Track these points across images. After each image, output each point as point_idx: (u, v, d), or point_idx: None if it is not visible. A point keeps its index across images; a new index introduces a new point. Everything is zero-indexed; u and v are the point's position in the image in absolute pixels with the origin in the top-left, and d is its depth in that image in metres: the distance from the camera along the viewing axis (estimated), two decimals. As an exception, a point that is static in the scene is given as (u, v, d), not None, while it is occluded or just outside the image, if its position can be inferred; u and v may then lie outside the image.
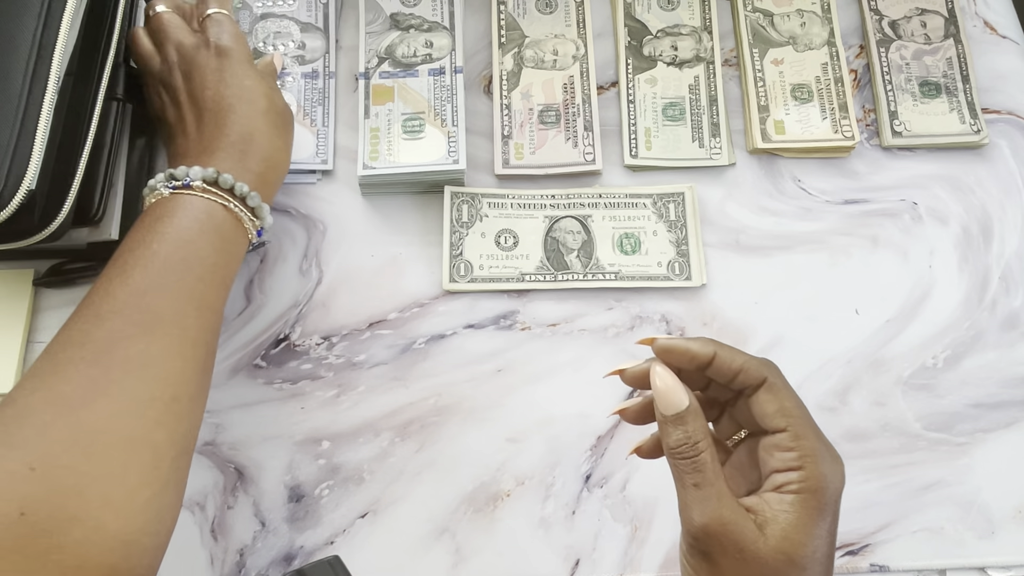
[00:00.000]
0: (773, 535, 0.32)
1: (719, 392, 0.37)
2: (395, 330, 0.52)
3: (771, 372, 0.34)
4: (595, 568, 0.48)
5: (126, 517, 0.34)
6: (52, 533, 0.32)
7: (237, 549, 0.47)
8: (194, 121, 0.47)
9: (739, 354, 0.34)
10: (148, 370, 0.38)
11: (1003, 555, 0.49)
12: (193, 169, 0.44)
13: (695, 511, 0.33)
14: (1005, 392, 0.52)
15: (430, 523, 0.48)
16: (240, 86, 0.48)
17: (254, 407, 0.50)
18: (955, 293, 0.55)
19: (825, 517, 0.32)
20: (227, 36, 0.49)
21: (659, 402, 0.34)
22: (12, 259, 0.52)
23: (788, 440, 0.33)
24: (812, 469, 0.32)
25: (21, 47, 0.44)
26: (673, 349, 0.35)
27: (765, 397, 0.34)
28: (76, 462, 0.34)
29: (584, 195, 0.55)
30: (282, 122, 0.50)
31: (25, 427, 0.34)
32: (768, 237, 0.56)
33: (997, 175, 0.58)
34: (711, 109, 0.58)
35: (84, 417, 0.35)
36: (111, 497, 0.34)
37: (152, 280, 0.40)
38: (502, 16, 0.60)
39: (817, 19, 0.61)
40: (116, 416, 0.36)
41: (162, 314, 0.39)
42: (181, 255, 0.41)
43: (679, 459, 0.33)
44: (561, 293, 0.54)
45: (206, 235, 0.43)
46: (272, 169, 0.48)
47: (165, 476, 0.37)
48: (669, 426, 0.34)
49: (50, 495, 0.33)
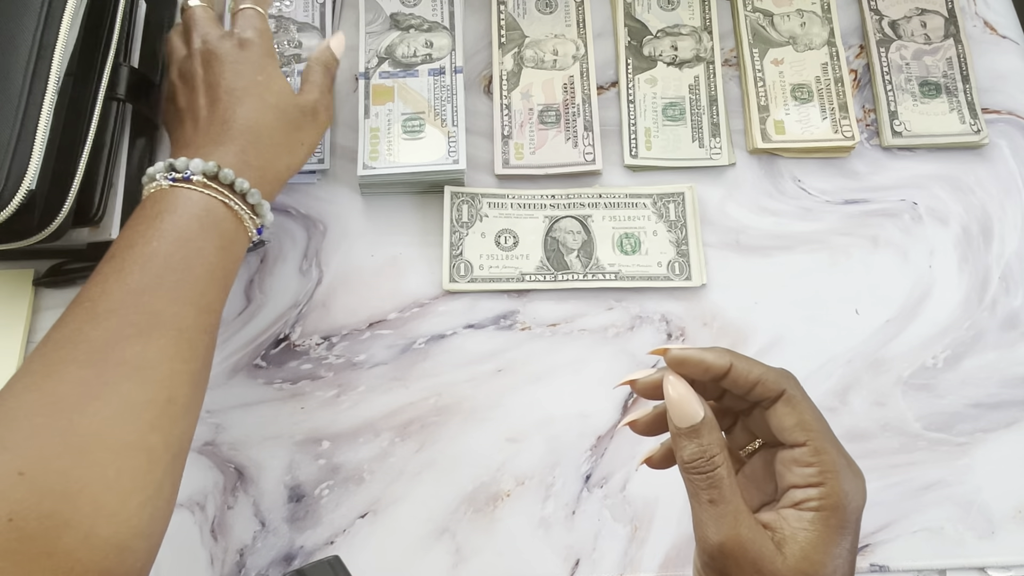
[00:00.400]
0: (792, 554, 0.31)
1: (734, 402, 0.35)
2: (395, 330, 0.52)
3: (789, 384, 0.33)
4: (595, 568, 0.48)
5: (118, 522, 0.34)
6: (42, 539, 0.32)
7: (237, 549, 0.47)
8: (206, 107, 0.46)
9: (756, 365, 0.33)
10: (144, 372, 0.37)
11: (1003, 555, 0.49)
12: (194, 162, 0.43)
13: (711, 528, 0.31)
14: (1005, 392, 0.52)
15: (430, 523, 0.48)
16: (253, 79, 0.47)
17: (254, 407, 0.50)
18: (955, 293, 0.55)
19: (846, 535, 0.31)
20: (252, 30, 0.49)
21: (673, 414, 0.32)
22: (12, 259, 0.52)
23: (808, 455, 0.32)
24: (833, 485, 0.31)
25: (21, 47, 0.44)
26: (687, 360, 0.33)
27: (784, 410, 0.32)
28: (68, 467, 0.33)
29: (584, 195, 0.55)
30: (298, 120, 0.49)
31: (15, 430, 0.33)
32: (768, 237, 0.56)
33: (997, 175, 0.58)
34: (711, 109, 0.58)
35: (77, 421, 0.34)
36: (103, 503, 0.33)
37: (150, 279, 0.39)
38: (502, 16, 0.60)
39: (817, 19, 0.61)
40: (110, 420, 0.35)
41: (160, 315, 0.38)
42: (181, 254, 0.40)
43: (694, 474, 0.32)
44: (561, 293, 0.54)
45: (206, 233, 0.42)
46: (276, 166, 0.47)
47: (159, 480, 0.36)
48: (683, 439, 0.32)
49: (40, 500, 0.32)
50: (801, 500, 0.32)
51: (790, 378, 0.33)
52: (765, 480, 0.34)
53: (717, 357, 0.33)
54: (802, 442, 0.32)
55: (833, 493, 0.31)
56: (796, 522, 0.31)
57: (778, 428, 0.33)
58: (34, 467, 0.33)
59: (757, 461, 0.35)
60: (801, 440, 0.32)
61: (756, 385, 0.33)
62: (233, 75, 0.47)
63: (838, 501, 0.31)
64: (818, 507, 0.31)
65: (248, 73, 0.47)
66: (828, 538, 0.31)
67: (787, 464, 0.33)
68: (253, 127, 0.46)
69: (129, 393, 0.36)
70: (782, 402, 0.33)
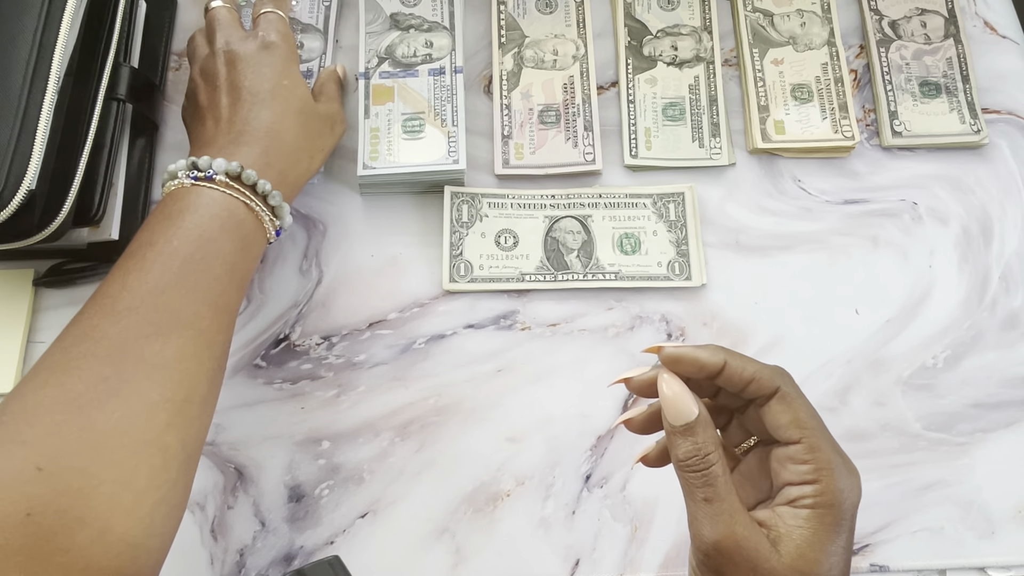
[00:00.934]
0: (788, 552, 0.31)
1: (728, 399, 0.35)
2: (395, 330, 0.52)
3: (784, 381, 0.33)
4: (595, 568, 0.48)
5: (133, 520, 0.34)
6: (58, 535, 0.32)
7: (237, 549, 0.47)
8: (229, 106, 0.47)
9: (750, 362, 0.33)
10: (162, 371, 0.37)
11: (1003, 555, 0.49)
12: (217, 161, 0.43)
13: (706, 527, 0.31)
14: (1005, 392, 0.52)
15: (430, 523, 0.48)
16: (278, 83, 0.48)
17: (254, 407, 0.50)
18: (955, 293, 0.55)
19: (841, 533, 0.31)
20: (276, 34, 0.50)
21: (667, 412, 0.32)
22: (12, 259, 0.52)
23: (802, 452, 0.32)
24: (828, 483, 0.31)
25: (21, 47, 0.44)
26: (681, 358, 0.33)
27: (778, 408, 0.32)
28: (85, 464, 0.34)
29: (584, 195, 0.55)
30: (319, 127, 0.50)
31: (35, 425, 0.34)
32: (768, 237, 0.56)
33: (997, 175, 0.58)
34: (711, 109, 0.58)
35: (95, 418, 0.35)
36: (119, 500, 0.34)
37: (171, 278, 0.39)
38: (502, 16, 0.60)
39: (817, 19, 0.61)
40: (128, 418, 0.35)
41: (180, 314, 0.39)
42: (201, 254, 0.40)
43: (688, 472, 0.32)
44: (561, 293, 0.54)
45: (227, 233, 0.42)
46: (296, 170, 0.48)
47: (174, 478, 0.36)
48: (678, 437, 0.32)
49: (57, 497, 0.32)
50: (796, 497, 0.32)
51: (784, 375, 0.33)
52: (760, 478, 0.34)
53: (711, 355, 0.33)
54: (796, 439, 0.32)
55: (828, 490, 0.31)
56: (791, 520, 0.31)
57: (773, 425, 0.33)
58: (52, 463, 0.33)
59: (752, 459, 0.35)
60: (796, 437, 0.32)
61: (750, 383, 0.33)
62: (257, 77, 0.48)
63: (833, 498, 0.31)
64: (813, 504, 0.31)
65: (272, 76, 0.48)
66: (824, 535, 0.31)
67: (782, 461, 0.33)
68: (277, 130, 0.46)
69: (147, 392, 0.36)
70: (776, 399, 0.33)
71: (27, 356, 0.51)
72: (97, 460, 0.34)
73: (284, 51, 0.50)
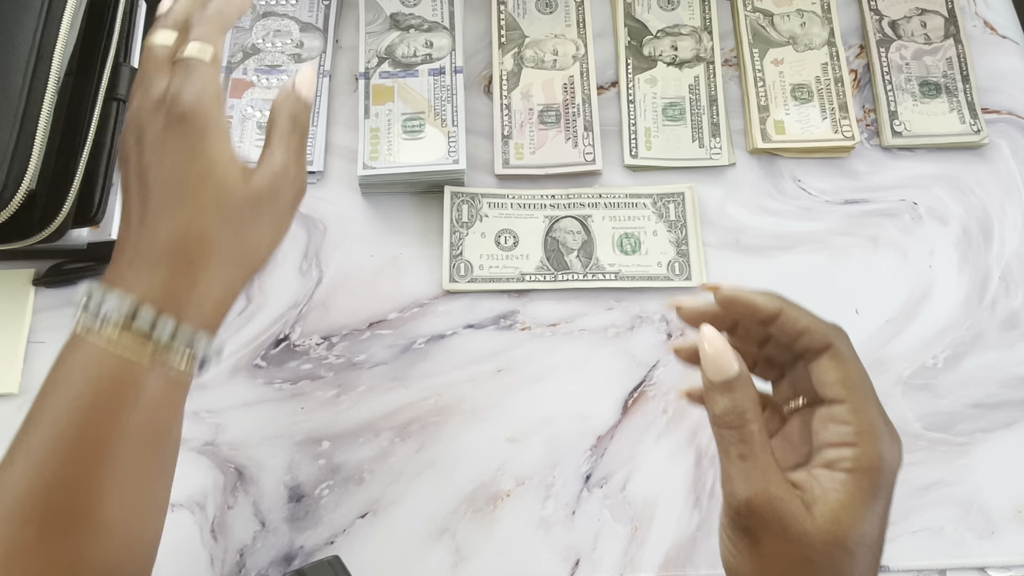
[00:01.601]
0: (821, 515, 0.30)
1: (777, 351, 0.34)
2: (395, 330, 0.52)
3: (839, 339, 0.32)
4: (595, 568, 0.48)
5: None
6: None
7: (237, 549, 0.47)
8: (138, 204, 0.36)
9: (806, 314, 0.32)
10: None
11: (1003, 555, 0.49)
12: (108, 300, 0.34)
13: (739, 484, 0.30)
14: (1005, 392, 0.52)
15: (430, 523, 0.48)
16: (187, 172, 0.35)
17: (254, 407, 0.50)
18: (955, 293, 0.55)
19: (879, 499, 0.30)
20: (189, 93, 0.35)
21: (706, 366, 0.32)
22: (12, 259, 0.52)
23: (846, 413, 0.31)
24: (868, 447, 0.30)
25: (21, 47, 0.44)
26: (737, 300, 0.33)
27: (828, 364, 0.32)
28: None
29: (584, 195, 0.55)
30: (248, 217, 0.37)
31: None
32: (768, 237, 0.56)
33: (997, 175, 0.58)
34: (711, 109, 0.58)
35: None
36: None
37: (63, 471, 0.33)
38: (502, 16, 0.60)
39: (817, 19, 0.61)
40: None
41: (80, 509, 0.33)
42: (94, 436, 0.33)
43: (724, 428, 0.31)
44: (561, 293, 0.54)
45: (124, 405, 0.34)
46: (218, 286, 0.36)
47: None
48: (716, 393, 0.31)
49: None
50: (835, 460, 0.31)
51: (840, 334, 0.33)
52: (801, 442, 0.33)
53: (768, 300, 0.32)
54: (842, 398, 0.31)
55: (868, 455, 0.30)
56: (828, 482, 0.30)
57: (819, 382, 0.32)
58: None
59: (796, 422, 0.34)
60: (841, 396, 0.31)
61: (803, 334, 0.32)
62: (162, 165, 0.35)
63: (872, 463, 0.30)
64: (851, 468, 0.30)
65: (180, 163, 0.35)
66: (859, 500, 0.30)
67: (824, 422, 0.32)
68: (184, 241, 0.35)
69: None
70: (827, 356, 0.32)
71: (27, 356, 0.51)
72: None
73: (197, 120, 0.35)
